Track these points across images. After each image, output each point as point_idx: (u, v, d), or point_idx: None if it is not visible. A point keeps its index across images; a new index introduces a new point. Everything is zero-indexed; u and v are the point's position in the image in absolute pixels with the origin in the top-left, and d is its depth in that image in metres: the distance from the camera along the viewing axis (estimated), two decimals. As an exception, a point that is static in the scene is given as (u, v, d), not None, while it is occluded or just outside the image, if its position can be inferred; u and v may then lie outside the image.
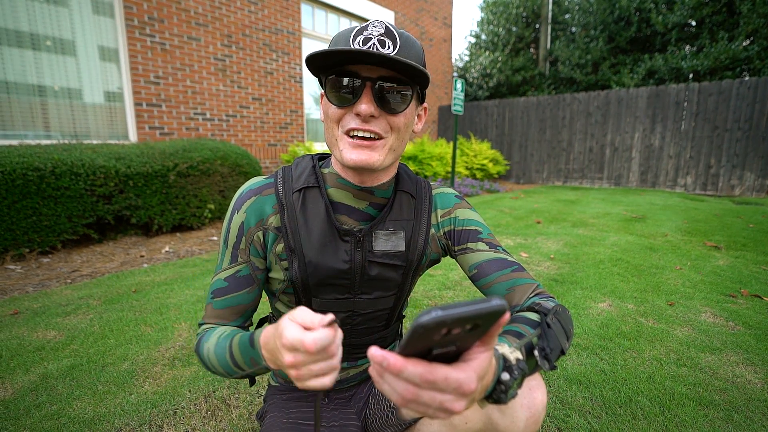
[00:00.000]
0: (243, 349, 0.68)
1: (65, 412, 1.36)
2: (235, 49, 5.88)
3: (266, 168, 6.46)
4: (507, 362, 0.55)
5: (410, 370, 0.37)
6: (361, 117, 0.70)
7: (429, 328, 0.32)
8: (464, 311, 0.32)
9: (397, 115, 0.72)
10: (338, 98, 0.71)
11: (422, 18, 9.36)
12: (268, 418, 0.91)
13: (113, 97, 4.87)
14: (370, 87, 0.69)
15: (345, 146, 0.72)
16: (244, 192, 0.81)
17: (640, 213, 5.20)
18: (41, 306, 2.28)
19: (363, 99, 0.69)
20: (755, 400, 1.44)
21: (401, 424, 0.90)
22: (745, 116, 7.07)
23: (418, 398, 0.38)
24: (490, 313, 0.33)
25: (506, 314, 0.36)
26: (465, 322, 0.33)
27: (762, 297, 2.39)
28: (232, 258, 0.81)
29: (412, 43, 0.72)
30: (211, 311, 0.82)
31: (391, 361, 0.36)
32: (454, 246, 0.86)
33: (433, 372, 0.37)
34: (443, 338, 0.35)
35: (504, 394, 0.53)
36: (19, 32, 4.13)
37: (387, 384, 0.40)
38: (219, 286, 0.81)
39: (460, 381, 0.38)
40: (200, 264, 3.11)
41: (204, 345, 0.77)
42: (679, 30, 10.52)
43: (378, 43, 0.67)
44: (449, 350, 0.38)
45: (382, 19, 0.70)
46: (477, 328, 0.36)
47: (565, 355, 0.84)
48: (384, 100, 0.70)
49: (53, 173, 3.12)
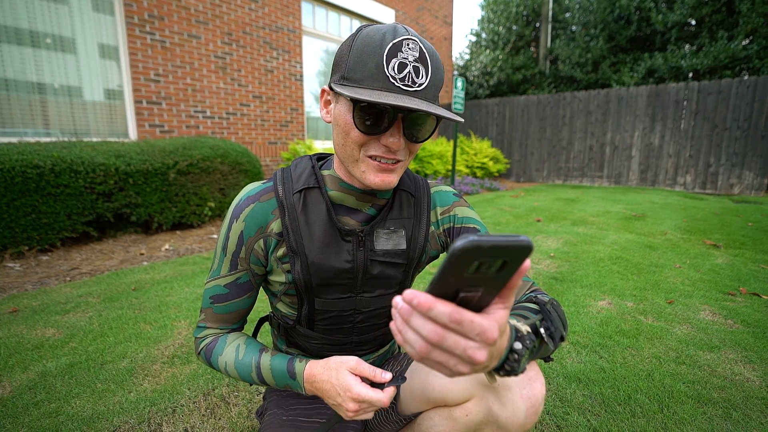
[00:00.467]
0: (278, 375, 0.78)
1: (64, 410, 1.36)
2: (235, 47, 5.87)
3: (266, 166, 6.46)
4: (519, 333, 0.56)
5: (439, 308, 0.37)
6: (388, 148, 0.70)
7: (466, 251, 0.33)
8: (498, 240, 0.33)
9: (419, 143, 0.74)
10: (365, 126, 0.68)
11: (423, 16, 9.35)
12: (268, 416, 0.91)
13: (113, 94, 4.86)
14: (401, 119, 0.68)
15: (368, 169, 0.72)
16: (242, 200, 0.80)
17: (639, 211, 5.20)
18: (40, 304, 2.28)
19: (393, 132, 0.68)
20: (753, 398, 1.44)
21: (401, 420, 0.90)
22: (745, 115, 7.07)
23: (443, 342, 0.38)
24: (519, 247, 0.34)
25: (528, 260, 0.36)
26: (497, 254, 0.34)
27: (760, 295, 2.39)
28: (231, 266, 0.82)
29: (439, 65, 0.70)
30: (212, 316, 0.85)
31: (421, 299, 0.37)
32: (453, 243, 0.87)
33: (460, 312, 0.38)
34: (472, 276, 0.36)
35: (517, 363, 0.54)
36: (18, 29, 4.12)
37: (411, 330, 0.40)
38: (219, 293, 0.83)
39: (485, 327, 0.38)
40: (200, 262, 3.11)
41: (218, 357, 0.82)
42: (678, 29, 10.50)
43: (413, 71, 0.66)
44: (474, 295, 0.39)
45: (409, 30, 0.68)
46: (503, 269, 0.36)
47: (564, 342, 0.86)
48: (412, 132, 0.70)
49: (53, 171, 3.11)
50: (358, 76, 0.66)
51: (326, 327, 0.86)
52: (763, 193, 7.12)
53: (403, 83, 0.65)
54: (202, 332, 0.87)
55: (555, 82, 13.39)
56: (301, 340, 0.89)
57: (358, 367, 0.70)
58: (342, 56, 0.70)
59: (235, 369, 0.80)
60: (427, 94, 0.68)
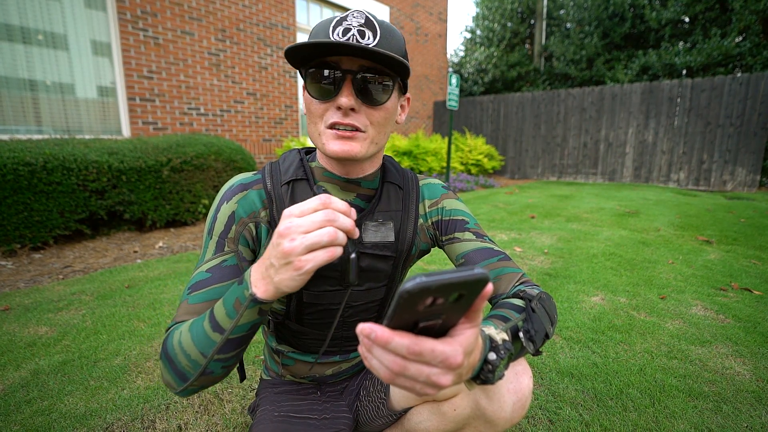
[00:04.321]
0: (228, 297, 0.62)
1: (56, 408, 1.35)
2: (229, 43, 5.84)
3: (261, 163, 6.43)
4: (493, 342, 0.56)
5: (397, 341, 0.37)
6: (341, 110, 0.69)
7: (414, 293, 0.32)
8: (448, 278, 0.33)
9: (377, 107, 0.71)
10: (319, 90, 0.70)
11: (417, 13, 9.33)
12: (260, 412, 0.91)
13: (106, 91, 4.82)
14: (351, 79, 0.68)
15: (327, 138, 0.71)
16: (234, 185, 0.80)
17: (633, 208, 5.23)
18: (33, 302, 2.27)
19: (343, 92, 0.68)
20: (743, 392, 1.46)
21: (391, 416, 0.90)
22: (737, 112, 7.12)
23: (405, 371, 0.39)
24: (473, 281, 0.34)
25: (489, 285, 0.36)
26: (449, 290, 0.34)
27: (752, 290, 2.41)
28: (217, 247, 0.75)
29: (393, 33, 0.71)
30: (185, 308, 0.71)
31: (378, 333, 0.37)
32: (442, 236, 0.87)
33: (419, 343, 0.37)
34: (428, 309, 0.36)
35: (491, 374, 0.54)
36: (9, 26, 4.08)
37: (375, 358, 0.40)
38: (199, 279, 0.73)
39: (447, 354, 0.38)
40: (194, 259, 3.10)
41: (171, 340, 0.66)
42: (672, 26, 10.55)
43: (358, 34, 0.67)
44: (435, 323, 0.39)
45: (362, 9, 0.70)
46: (461, 299, 0.36)
47: (549, 339, 0.86)
48: (365, 92, 0.69)
49: (45, 168, 3.09)
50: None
51: (315, 321, 0.86)
52: (755, 189, 7.18)
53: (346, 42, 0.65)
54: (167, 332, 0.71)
55: (549, 79, 13.42)
56: (291, 336, 0.89)
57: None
58: None
59: (188, 332, 0.64)
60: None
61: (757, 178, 7.13)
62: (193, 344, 0.63)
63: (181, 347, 0.64)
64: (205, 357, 0.63)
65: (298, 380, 0.97)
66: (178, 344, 0.65)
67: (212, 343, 0.62)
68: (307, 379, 0.96)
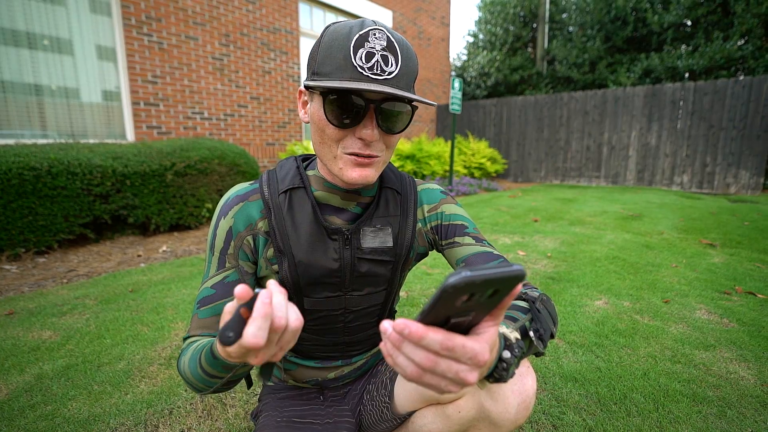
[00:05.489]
0: (208, 357, 0.63)
1: (60, 413, 1.36)
2: (233, 48, 5.87)
3: (264, 167, 6.45)
4: (507, 341, 0.57)
5: (431, 337, 0.37)
6: (363, 141, 0.69)
7: (458, 287, 0.33)
8: (491, 273, 0.33)
9: (395, 135, 0.73)
10: (338, 118, 0.68)
11: (420, 17, 9.36)
12: (263, 417, 0.91)
13: (110, 96, 4.86)
14: (373, 110, 0.68)
15: (345, 165, 0.72)
16: (230, 198, 0.81)
17: (636, 211, 5.22)
18: (37, 306, 2.28)
19: (366, 124, 0.68)
20: (748, 396, 1.45)
21: (396, 419, 0.90)
22: (740, 115, 7.10)
23: (435, 367, 0.39)
24: (512, 277, 0.34)
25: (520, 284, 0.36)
26: (490, 285, 0.34)
27: (756, 294, 2.40)
28: (219, 264, 0.80)
29: (411, 55, 0.70)
30: (197, 322, 0.78)
31: (413, 329, 0.37)
32: (441, 240, 0.88)
33: (452, 339, 0.38)
34: (464, 304, 0.36)
35: (505, 371, 0.54)
36: (15, 31, 4.11)
37: (403, 355, 0.40)
38: (206, 295, 0.78)
39: (476, 351, 0.39)
40: (198, 263, 3.11)
41: (181, 359, 0.72)
42: (674, 30, 10.54)
43: (381, 60, 0.65)
44: (465, 320, 0.39)
45: (378, 23, 0.68)
46: (495, 295, 0.37)
47: (553, 339, 0.87)
48: (386, 121, 0.70)
49: (50, 173, 3.11)
50: (327, 69, 0.66)
51: (317, 327, 0.86)
52: (759, 192, 7.15)
53: (371, 72, 0.65)
54: (185, 343, 0.78)
55: (552, 83, 13.42)
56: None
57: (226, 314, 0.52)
58: (312, 53, 0.71)
59: (188, 365, 0.69)
60: (399, 83, 0.67)
61: (761, 180, 7.10)
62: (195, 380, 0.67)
63: (189, 375, 0.68)
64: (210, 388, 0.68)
65: (301, 385, 0.98)
66: (187, 370, 0.69)
67: (211, 383, 0.66)
68: (309, 383, 0.96)
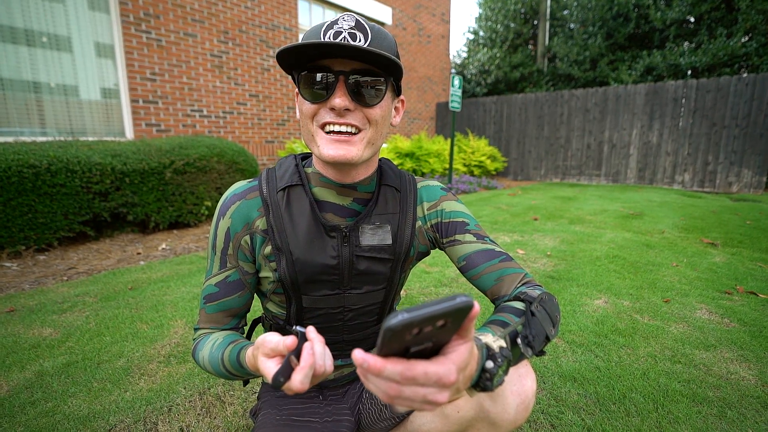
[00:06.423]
0: (234, 365, 0.73)
1: (60, 410, 1.36)
2: (231, 45, 5.85)
3: (263, 165, 6.45)
4: (490, 351, 0.56)
5: (390, 369, 0.38)
6: (336, 111, 0.69)
7: (397, 330, 0.33)
8: (429, 311, 0.33)
9: (373, 107, 0.72)
10: (312, 94, 0.71)
11: (420, 14, 9.33)
12: (261, 415, 0.91)
13: (109, 93, 4.85)
14: (344, 80, 0.68)
15: (322, 141, 0.72)
16: (228, 197, 0.82)
17: (637, 210, 5.21)
18: (37, 303, 2.28)
19: (337, 93, 0.69)
20: (748, 397, 1.45)
21: (394, 418, 0.90)
22: (743, 113, 7.07)
23: (401, 394, 0.39)
24: (456, 310, 0.34)
25: (476, 307, 0.37)
26: (433, 320, 0.34)
27: (757, 294, 2.39)
28: (221, 264, 0.82)
29: (384, 35, 0.71)
30: (205, 316, 0.85)
31: (370, 363, 0.37)
32: (443, 238, 0.87)
33: (411, 369, 0.38)
34: (416, 337, 0.36)
35: (489, 381, 0.54)
36: (14, 28, 4.10)
37: (371, 383, 0.41)
38: (210, 292, 0.83)
39: (440, 374, 0.39)
40: (197, 261, 3.10)
41: (199, 353, 0.81)
42: (677, 26, 10.51)
43: (349, 36, 0.67)
44: (426, 347, 0.40)
45: (352, 13, 0.70)
46: (447, 325, 0.37)
47: (551, 341, 0.87)
48: (358, 93, 0.70)
49: (49, 170, 3.10)
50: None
51: (316, 326, 0.86)
52: (761, 191, 7.13)
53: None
54: (196, 333, 0.87)
55: (553, 80, 13.39)
56: None
57: (270, 350, 0.58)
58: None
59: (209, 363, 0.77)
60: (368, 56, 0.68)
61: (763, 179, 7.08)
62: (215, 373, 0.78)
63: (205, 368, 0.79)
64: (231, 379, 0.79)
65: None
66: (204, 366, 0.79)
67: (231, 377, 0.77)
68: None
